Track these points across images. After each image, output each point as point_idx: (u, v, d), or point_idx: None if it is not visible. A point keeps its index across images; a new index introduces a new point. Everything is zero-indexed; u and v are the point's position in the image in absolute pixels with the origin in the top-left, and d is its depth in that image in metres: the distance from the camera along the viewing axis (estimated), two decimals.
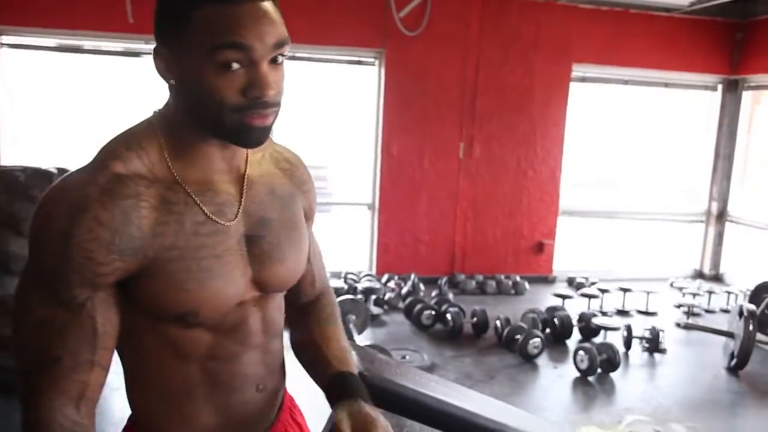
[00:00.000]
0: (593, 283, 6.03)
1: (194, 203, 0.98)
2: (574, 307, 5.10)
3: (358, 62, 5.72)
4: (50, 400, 0.91)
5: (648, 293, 5.64)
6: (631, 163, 6.92)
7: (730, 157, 6.73)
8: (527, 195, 6.12)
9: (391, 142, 5.67)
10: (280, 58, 0.94)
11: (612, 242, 6.80)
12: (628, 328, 4.57)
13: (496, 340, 4.64)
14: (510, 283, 5.91)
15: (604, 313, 5.31)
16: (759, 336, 4.44)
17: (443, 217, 5.93)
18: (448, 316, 4.68)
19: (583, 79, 6.18)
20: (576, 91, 6.12)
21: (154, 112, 1.02)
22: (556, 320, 4.71)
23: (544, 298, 5.75)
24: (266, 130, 0.96)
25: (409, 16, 5.34)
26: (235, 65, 0.90)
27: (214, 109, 0.92)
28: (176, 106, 0.98)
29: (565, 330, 4.71)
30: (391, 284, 5.52)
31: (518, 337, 4.37)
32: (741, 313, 4.34)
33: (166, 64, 0.95)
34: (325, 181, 9.86)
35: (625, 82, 6.36)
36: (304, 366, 1.22)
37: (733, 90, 6.57)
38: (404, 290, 5.40)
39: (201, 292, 0.96)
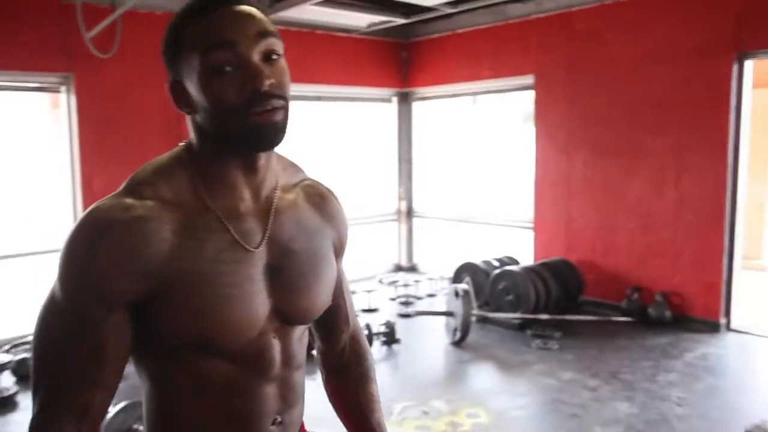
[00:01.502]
0: None
1: (221, 229, 0.99)
2: None
3: (40, 89, 5.00)
4: (53, 417, 0.92)
5: (369, 292, 6.10)
6: (332, 173, 7.38)
7: (410, 161, 7.65)
8: None
9: (91, 177, 5.08)
10: (274, 56, 0.97)
11: None
12: (368, 327, 4.88)
13: None
14: None
15: None
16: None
17: None
18: None
19: None
20: None
21: (181, 144, 1.05)
22: None
23: None
24: (277, 128, 0.96)
25: (101, 36, 4.86)
26: (228, 68, 0.93)
27: (221, 115, 0.94)
28: (197, 133, 1.01)
29: (312, 338, 4.80)
30: None
31: None
32: (457, 294, 4.98)
33: (177, 95, 0.99)
34: None
35: (318, 98, 6.75)
36: (338, 413, 1.32)
37: (405, 101, 7.47)
38: None
39: (216, 318, 0.96)
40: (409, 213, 7.74)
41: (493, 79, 6.47)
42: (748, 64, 4.87)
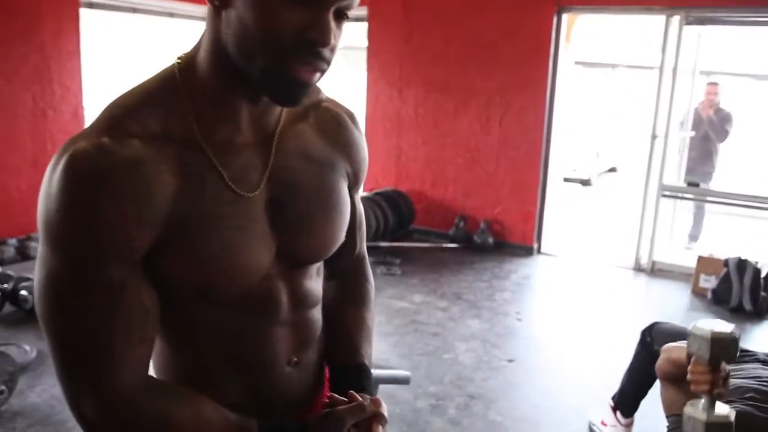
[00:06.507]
0: None
1: (214, 167, 0.86)
2: None
3: None
4: (113, 384, 0.83)
5: None
6: None
7: None
8: (51, 139, 5.33)
9: None
10: (345, 18, 0.84)
11: None
12: None
13: None
14: None
15: None
16: None
17: None
18: (24, 292, 3.87)
19: (90, 5, 5.59)
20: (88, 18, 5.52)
21: (179, 58, 0.88)
22: None
23: None
24: (307, 89, 0.85)
25: None
26: (302, 3, 0.78)
27: (264, 44, 0.79)
28: (211, 40, 0.85)
29: None
30: None
31: None
32: None
33: None
34: None
35: (134, 11, 6.05)
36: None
37: None
38: None
39: (221, 266, 0.87)
40: None
41: None
42: (565, 18, 5.45)
